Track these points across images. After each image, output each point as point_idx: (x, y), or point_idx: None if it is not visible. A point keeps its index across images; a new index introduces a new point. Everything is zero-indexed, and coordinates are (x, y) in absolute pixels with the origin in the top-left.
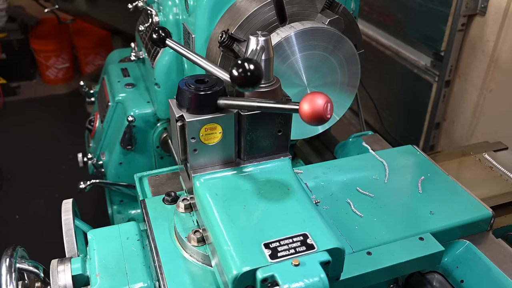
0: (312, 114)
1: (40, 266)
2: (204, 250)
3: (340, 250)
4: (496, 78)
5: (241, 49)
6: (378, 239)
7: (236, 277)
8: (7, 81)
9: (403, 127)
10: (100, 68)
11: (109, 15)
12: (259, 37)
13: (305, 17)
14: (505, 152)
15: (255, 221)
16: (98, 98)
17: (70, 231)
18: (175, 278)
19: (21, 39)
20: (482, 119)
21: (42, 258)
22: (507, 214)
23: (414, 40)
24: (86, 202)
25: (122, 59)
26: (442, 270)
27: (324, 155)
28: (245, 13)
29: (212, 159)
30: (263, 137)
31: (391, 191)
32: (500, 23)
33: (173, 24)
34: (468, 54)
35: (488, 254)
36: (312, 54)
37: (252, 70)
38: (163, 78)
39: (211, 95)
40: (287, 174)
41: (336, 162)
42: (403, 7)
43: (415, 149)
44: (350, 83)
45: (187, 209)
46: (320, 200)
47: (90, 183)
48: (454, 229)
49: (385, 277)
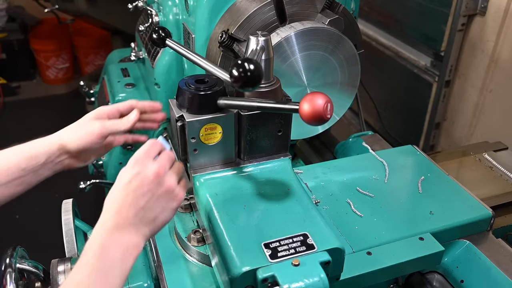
0: (312, 114)
1: (40, 266)
2: (204, 250)
3: (340, 250)
4: (496, 78)
5: (241, 49)
6: (378, 239)
7: (236, 277)
8: (7, 81)
9: (403, 127)
10: (100, 68)
11: (109, 15)
12: (259, 37)
13: (305, 17)
14: (505, 152)
15: (255, 221)
16: (98, 98)
17: (70, 231)
18: (175, 278)
19: (21, 39)
20: (482, 119)
21: (42, 258)
22: (507, 214)
23: (414, 40)
24: (86, 202)
25: (122, 59)
26: (442, 270)
27: (324, 155)
28: (245, 13)
29: (212, 159)
30: (263, 137)
31: (391, 191)
32: (500, 23)
33: (173, 24)
34: (468, 54)
35: (488, 254)
36: (312, 54)
37: (252, 70)
38: (163, 78)
39: (211, 95)
40: (287, 174)
41: (336, 162)
42: (403, 7)
43: (415, 149)
44: (350, 83)
45: (187, 209)
46: (320, 200)
47: (90, 183)
48: (454, 229)
49: (385, 277)
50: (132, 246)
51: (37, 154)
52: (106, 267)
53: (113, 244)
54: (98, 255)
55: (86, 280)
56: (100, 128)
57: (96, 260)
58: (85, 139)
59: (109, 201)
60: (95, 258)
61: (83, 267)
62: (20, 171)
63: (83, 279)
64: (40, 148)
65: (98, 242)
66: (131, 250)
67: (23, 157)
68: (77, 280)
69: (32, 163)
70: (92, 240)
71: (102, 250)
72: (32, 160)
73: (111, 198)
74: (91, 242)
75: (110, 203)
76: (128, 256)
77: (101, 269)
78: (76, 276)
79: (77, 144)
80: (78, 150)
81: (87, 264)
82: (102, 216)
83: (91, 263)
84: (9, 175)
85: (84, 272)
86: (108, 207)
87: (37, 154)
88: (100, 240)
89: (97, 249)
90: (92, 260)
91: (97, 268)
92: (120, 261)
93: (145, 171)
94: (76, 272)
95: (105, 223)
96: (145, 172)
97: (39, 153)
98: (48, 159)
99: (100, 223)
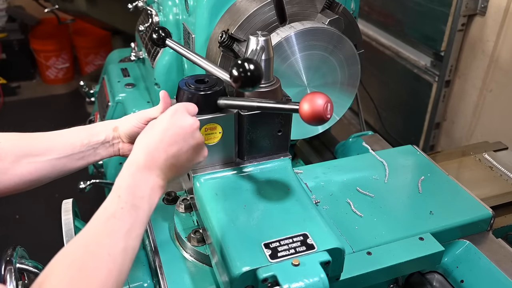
0: (312, 114)
1: (40, 266)
2: (204, 250)
3: (340, 250)
4: (496, 78)
5: (241, 49)
6: (378, 239)
7: (236, 277)
8: (7, 81)
9: (403, 127)
10: (100, 68)
11: (109, 15)
12: (259, 37)
13: (305, 17)
14: (505, 152)
15: (255, 221)
16: (98, 98)
17: (70, 231)
18: (175, 278)
19: (21, 39)
20: (482, 119)
21: (42, 258)
22: (507, 214)
23: (414, 40)
24: (86, 202)
25: (122, 59)
26: (442, 270)
27: (324, 155)
28: (245, 13)
29: (212, 159)
30: (263, 137)
31: (391, 191)
32: (500, 23)
33: (173, 24)
34: (468, 54)
35: (488, 254)
36: (312, 54)
37: (252, 70)
38: (163, 78)
39: (211, 95)
40: (287, 174)
41: (336, 162)
42: (403, 7)
43: (415, 149)
44: (350, 83)
45: (187, 209)
46: (320, 200)
47: (90, 183)
48: (454, 229)
49: (385, 277)
50: (157, 187)
51: (98, 132)
52: (137, 202)
53: (143, 182)
54: (131, 189)
55: (120, 211)
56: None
57: (128, 194)
58: (131, 126)
59: (143, 141)
60: (127, 192)
61: (116, 200)
62: (82, 146)
63: (117, 210)
64: (100, 127)
65: (130, 178)
66: (156, 190)
67: (86, 133)
68: (111, 211)
69: (93, 140)
70: (123, 176)
71: (134, 186)
72: (93, 137)
73: (145, 139)
74: (123, 177)
75: (143, 143)
76: (154, 195)
77: (132, 203)
78: (110, 207)
79: (124, 130)
80: (126, 136)
81: (120, 198)
82: (134, 154)
83: (124, 197)
84: (72, 149)
85: (117, 205)
86: (141, 147)
87: (98, 132)
88: (132, 176)
89: (130, 183)
90: (124, 194)
91: (129, 202)
92: (148, 198)
93: (183, 122)
94: (109, 204)
95: (136, 161)
96: (183, 122)
97: (100, 132)
98: (106, 138)
99: (131, 160)
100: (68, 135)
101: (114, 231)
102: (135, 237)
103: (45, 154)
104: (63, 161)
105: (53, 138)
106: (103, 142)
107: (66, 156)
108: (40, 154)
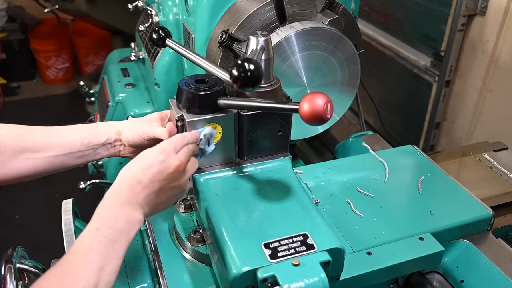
0: (312, 114)
1: (40, 266)
2: (204, 250)
3: (340, 250)
4: (496, 78)
5: (241, 49)
6: (378, 239)
7: (236, 277)
8: (7, 81)
9: (403, 127)
10: (100, 68)
11: (109, 15)
12: (259, 37)
13: (305, 17)
14: (505, 152)
15: (255, 221)
16: (98, 98)
17: (70, 231)
18: (175, 278)
19: (21, 39)
20: (482, 119)
21: (42, 258)
22: (507, 214)
23: (414, 40)
24: (86, 202)
25: (122, 59)
26: (442, 270)
27: (324, 155)
28: (245, 13)
29: (212, 159)
30: (263, 137)
31: (391, 191)
32: (500, 23)
33: (173, 24)
34: (468, 54)
35: (488, 254)
36: (312, 54)
37: (252, 70)
38: (163, 78)
39: (211, 95)
40: (287, 174)
41: (336, 162)
42: (403, 7)
43: (415, 149)
44: (350, 83)
45: (187, 209)
46: (320, 200)
47: (90, 183)
48: (454, 229)
49: (385, 277)
50: (136, 221)
51: (100, 133)
52: (115, 237)
53: (123, 216)
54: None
55: (97, 244)
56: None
57: (107, 228)
58: (135, 135)
59: (126, 174)
60: (107, 226)
61: (94, 233)
62: (82, 145)
63: (94, 243)
64: (103, 128)
65: (110, 210)
66: (135, 224)
67: (87, 133)
68: (88, 244)
69: (94, 141)
70: (104, 206)
71: (113, 220)
72: (94, 137)
73: (129, 172)
74: (103, 207)
75: (126, 177)
76: (132, 229)
77: (110, 238)
78: (87, 240)
79: (128, 136)
80: (128, 143)
81: (99, 231)
82: (116, 185)
83: (102, 230)
84: (72, 147)
85: (95, 238)
86: (124, 180)
87: (100, 133)
88: (113, 208)
89: (109, 217)
90: (103, 227)
91: (107, 236)
92: (127, 232)
93: (168, 162)
94: (86, 236)
95: (118, 192)
96: (168, 163)
97: (102, 133)
98: (108, 140)
99: (113, 190)
100: (68, 133)
101: (90, 264)
102: (109, 272)
103: (44, 151)
104: (62, 158)
105: (53, 134)
106: (104, 143)
107: (65, 154)
108: (39, 150)
